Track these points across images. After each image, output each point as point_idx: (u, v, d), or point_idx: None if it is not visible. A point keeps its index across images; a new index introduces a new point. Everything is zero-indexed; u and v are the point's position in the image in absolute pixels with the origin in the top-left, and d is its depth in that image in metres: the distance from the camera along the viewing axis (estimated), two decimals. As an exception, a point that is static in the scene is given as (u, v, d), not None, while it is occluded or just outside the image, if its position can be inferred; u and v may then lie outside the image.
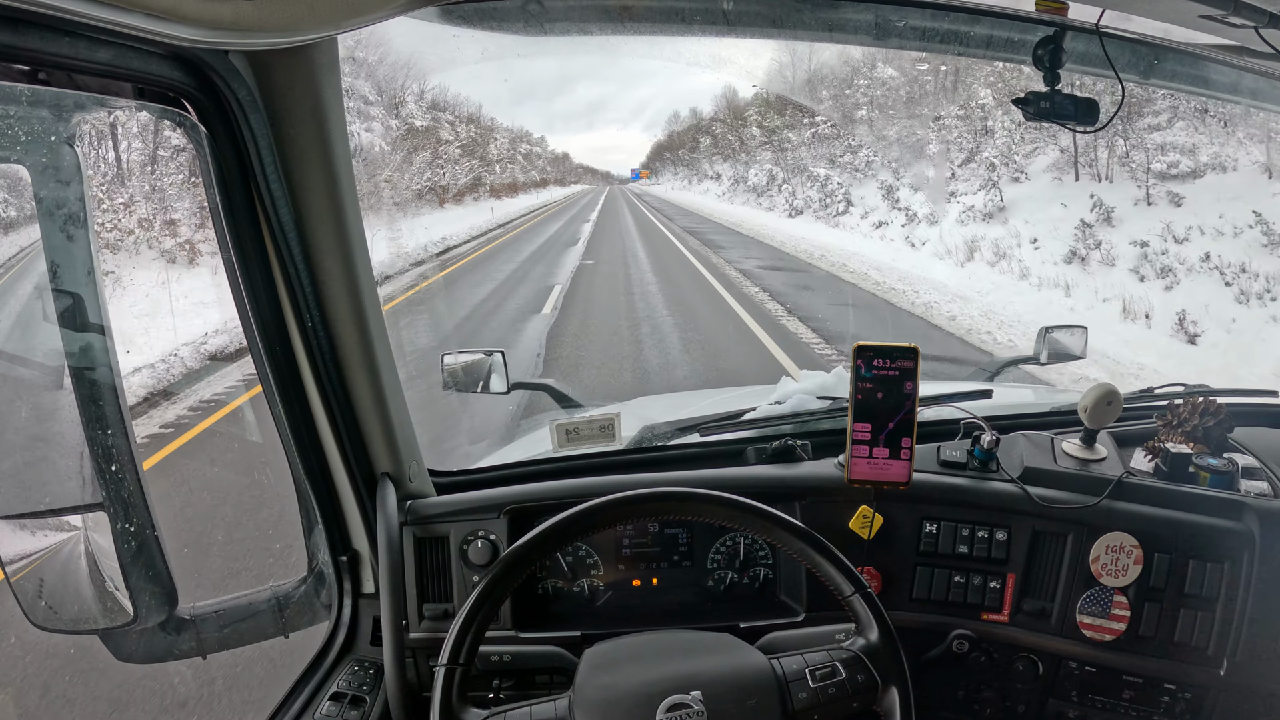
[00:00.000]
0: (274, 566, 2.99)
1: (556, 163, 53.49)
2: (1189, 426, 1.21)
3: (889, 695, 0.85)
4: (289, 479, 1.11)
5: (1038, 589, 1.13)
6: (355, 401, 1.05)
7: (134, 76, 0.75)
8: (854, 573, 0.90)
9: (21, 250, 0.90)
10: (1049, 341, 1.69)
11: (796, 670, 0.85)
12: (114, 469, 0.87)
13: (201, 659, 1.03)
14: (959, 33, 1.10)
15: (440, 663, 0.84)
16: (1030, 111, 1.07)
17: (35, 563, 0.88)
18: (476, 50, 0.96)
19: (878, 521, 1.14)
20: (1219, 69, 1.20)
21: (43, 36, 0.62)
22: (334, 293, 0.98)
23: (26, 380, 0.91)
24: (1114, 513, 1.11)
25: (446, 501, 1.17)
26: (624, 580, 1.22)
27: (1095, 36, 1.05)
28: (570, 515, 0.91)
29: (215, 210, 0.89)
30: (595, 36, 0.98)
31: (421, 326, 7.89)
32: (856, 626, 0.90)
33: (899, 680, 0.86)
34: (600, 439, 1.28)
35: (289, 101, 0.87)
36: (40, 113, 0.78)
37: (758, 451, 1.28)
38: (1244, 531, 1.08)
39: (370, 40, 17.31)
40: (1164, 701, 1.11)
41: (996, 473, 1.19)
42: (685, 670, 0.85)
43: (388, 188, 18.57)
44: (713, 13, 0.99)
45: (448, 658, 0.84)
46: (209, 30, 0.71)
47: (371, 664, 1.11)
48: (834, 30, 1.06)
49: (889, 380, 1.06)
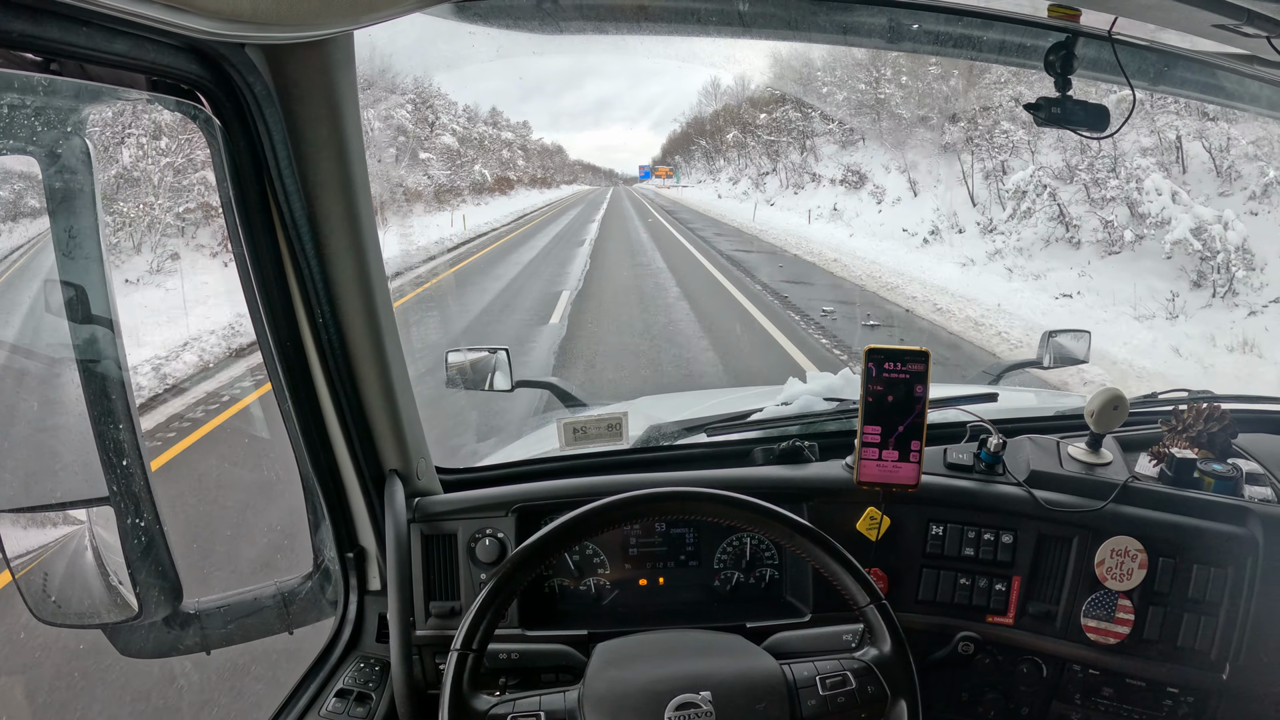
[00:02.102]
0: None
1: (545, 156, 44.04)
2: (1194, 432, 1.22)
3: (897, 708, 0.85)
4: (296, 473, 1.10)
5: (1043, 592, 1.14)
6: (364, 398, 1.05)
7: (149, 68, 0.74)
8: (871, 583, 0.90)
9: (30, 241, 0.89)
10: (1052, 346, 1.70)
11: (807, 677, 0.85)
12: (121, 463, 0.86)
13: (206, 654, 1.03)
14: (971, 37, 1.11)
15: (453, 648, 0.84)
16: (1041, 117, 1.07)
17: (41, 557, 0.88)
18: (491, 48, 0.95)
19: (885, 523, 1.15)
20: (1228, 77, 1.21)
21: (60, 26, 0.62)
22: (345, 288, 0.97)
23: (33, 373, 0.91)
24: (1119, 517, 1.11)
25: (454, 499, 1.17)
26: (631, 579, 1.22)
27: (1107, 43, 1.05)
28: (602, 506, 0.90)
29: (228, 204, 0.89)
30: (610, 36, 0.98)
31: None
32: (870, 637, 0.90)
33: (908, 694, 0.86)
34: (607, 438, 1.27)
35: (304, 96, 0.86)
36: (54, 103, 0.78)
37: (765, 452, 1.28)
38: (1248, 537, 1.09)
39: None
40: (1167, 705, 1.12)
41: (1003, 476, 1.19)
42: (696, 670, 0.85)
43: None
44: (728, 14, 0.99)
45: (460, 643, 0.84)
46: (226, 23, 0.71)
47: (378, 661, 1.11)
48: (848, 33, 1.07)
49: (899, 383, 1.06)
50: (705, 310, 8.22)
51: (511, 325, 7.51)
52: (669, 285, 9.94)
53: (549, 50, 0.96)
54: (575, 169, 58.45)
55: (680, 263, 12.35)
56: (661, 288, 9.72)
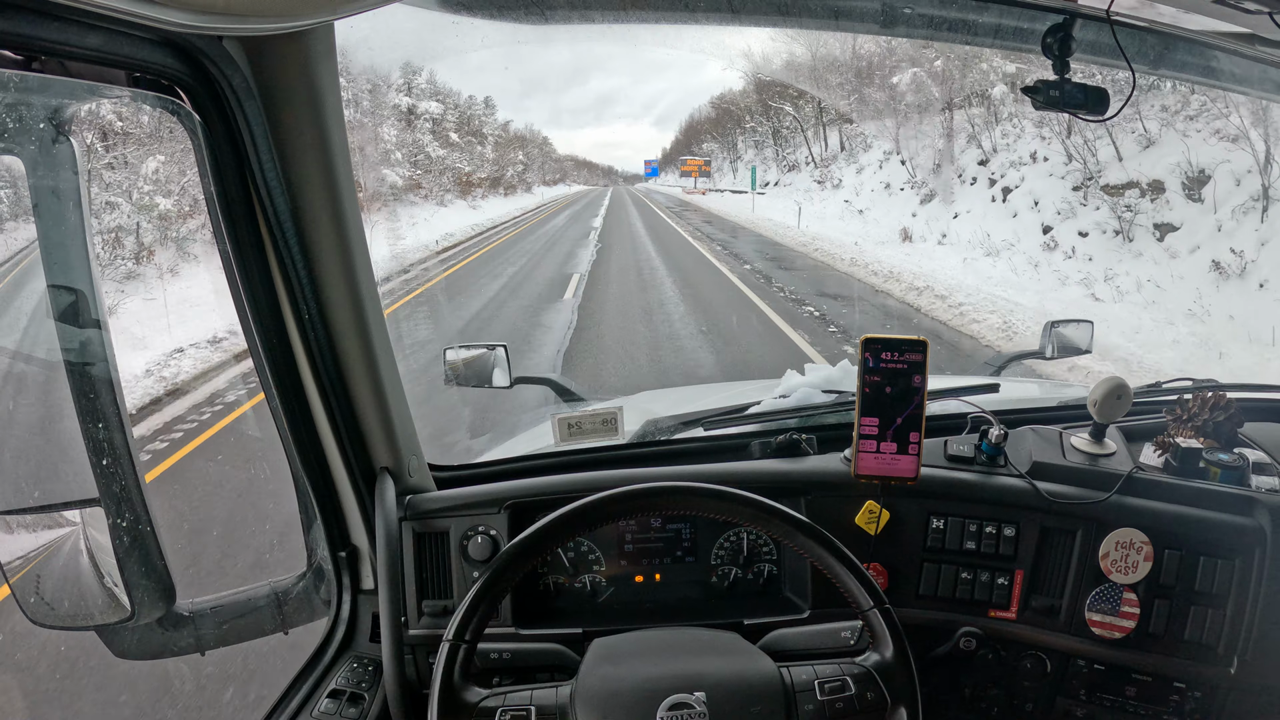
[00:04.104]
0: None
1: (512, 147, 31.57)
2: (1199, 421, 1.20)
3: (897, 715, 0.83)
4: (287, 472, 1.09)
5: (1046, 586, 1.12)
6: (354, 395, 1.03)
7: (127, 63, 0.73)
8: (874, 586, 0.88)
9: (26, 245, 0.89)
10: (1055, 336, 1.68)
11: (805, 681, 0.83)
12: (110, 464, 0.86)
13: (200, 655, 1.02)
14: (967, 21, 1.08)
15: (445, 638, 0.82)
16: (1040, 100, 1.05)
17: (32, 559, 0.87)
18: (477, 38, 0.94)
19: (884, 517, 1.13)
20: (1229, 59, 1.18)
21: (33, 21, 0.61)
22: (331, 284, 0.96)
23: (21, 375, 0.90)
24: (1124, 508, 1.09)
25: (446, 496, 1.16)
26: (626, 576, 1.21)
27: (1106, 24, 1.03)
28: (597, 500, 0.88)
29: (210, 200, 0.88)
30: (598, 25, 0.96)
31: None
32: (871, 642, 0.88)
33: (909, 701, 0.84)
34: (603, 433, 1.26)
35: (285, 89, 0.85)
36: (33, 101, 0.77)
37: (762, 445, 1.26)
38: (1255, 528, 1.06)
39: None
40: (1173, 700, 1.10)
41: (1004, 468, 1.17)
42: (691, 670, 0.83)
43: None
44: (716, 0, 0.97)
45: (453, 634, 0.82)
46: (202, 15, 0.70)
47: (371, 660, 1.10)
48: (840, 18, 1.05)
49: (897, 374, 1.04)
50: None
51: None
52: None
53: (533, 40, 0.94)
54: (565, 165, 47.20)
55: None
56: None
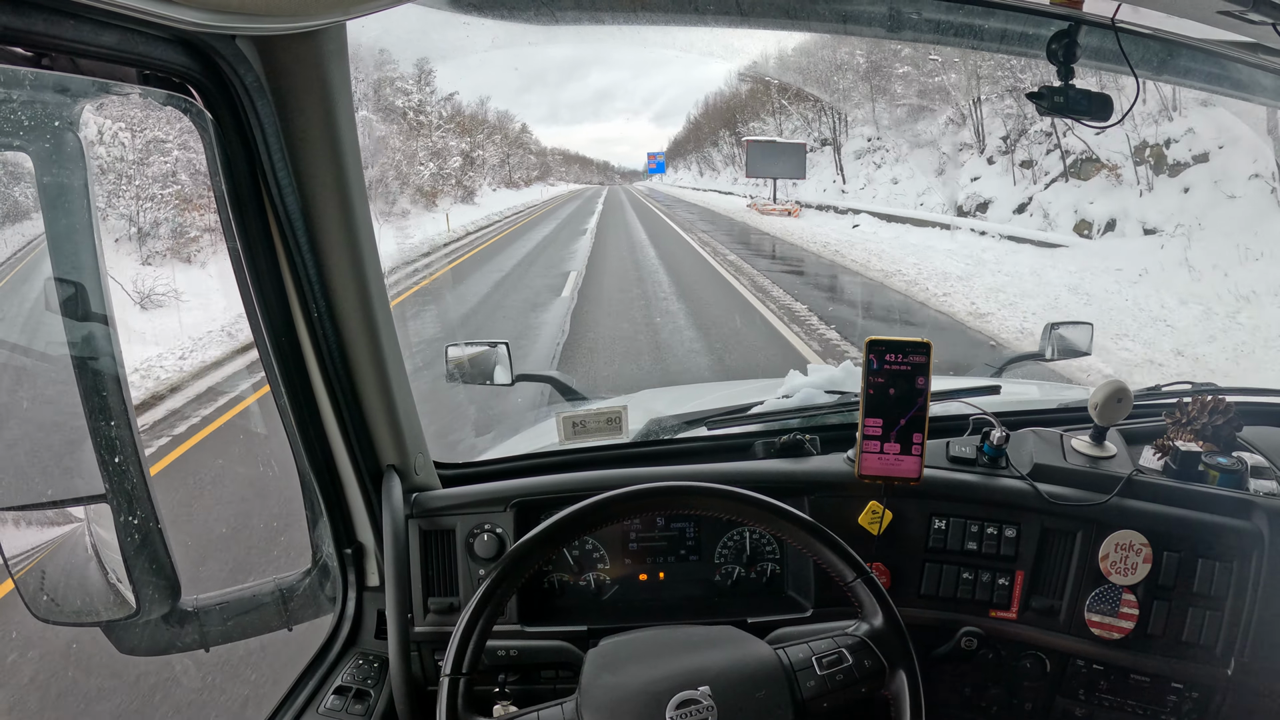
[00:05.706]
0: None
1: (470, 134, 24.57)
2: (1198, 425, 1.21)
3: (897, 678, 0.85)
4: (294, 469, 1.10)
5: (1046, 586, 1.13)
6: (361, 393, 1.04)
7: (139, 61, 0.73)
8: (855, 558, 0.90)
9: (31, 241, 0.88)
10: (1055, 338, 1.69)
11: (803, 659, 0.85)
12: (117, 461, 0.86)
13: (204, 651, 1.02)
14: (973, 26, 1.09)
15: (444, 673, 0.83)
16: (1044, 106, 1.06)
17: (38, 555, 0.87)
18: (486, 38, 0.94)
19: (887, 517, 1.14)
20: (1233, 66, 1.19)
21: (47, 19, 0.61)
22: (340, 282, 0.97)
23: (28, 371, 0.90)
24: (1124, 510, 1.10)
25: (452, 494, 1.16)
26: (631, 575, 1.21)
27: (1110, 31, 1.04)
28: (570, 514, 0.90)
29: (221, 198, 0.88)
30: (607, 26, 0.97)
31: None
32: (860, 612, 0.90)
33: (905, 662, 0.85)
34: (607, 432, 1.27)
35: (297, 88, 0.85)
36: (43, 98, 0.77)
37: (766, 445, 1.27)
38: (1253, 531, 1.08)
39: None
40: (1171, 700, 1.11)
41: (1006, 469, 1.18)
42: (692, 665, 0.84)
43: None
44: (725, 3, 0.97)
45: (450, 668, 0.83)
46: (216, 14, 0.70)
47: (376, 657, 1.11)
48: (847, 22, 1.05)
49: (901, 375, 1.05)
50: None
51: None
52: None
53: (541, 41, 0.95)
54: (549, 161, 39.26)
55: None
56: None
